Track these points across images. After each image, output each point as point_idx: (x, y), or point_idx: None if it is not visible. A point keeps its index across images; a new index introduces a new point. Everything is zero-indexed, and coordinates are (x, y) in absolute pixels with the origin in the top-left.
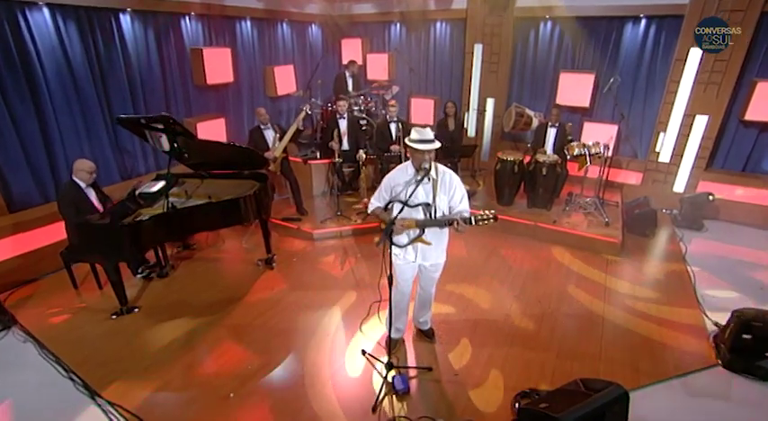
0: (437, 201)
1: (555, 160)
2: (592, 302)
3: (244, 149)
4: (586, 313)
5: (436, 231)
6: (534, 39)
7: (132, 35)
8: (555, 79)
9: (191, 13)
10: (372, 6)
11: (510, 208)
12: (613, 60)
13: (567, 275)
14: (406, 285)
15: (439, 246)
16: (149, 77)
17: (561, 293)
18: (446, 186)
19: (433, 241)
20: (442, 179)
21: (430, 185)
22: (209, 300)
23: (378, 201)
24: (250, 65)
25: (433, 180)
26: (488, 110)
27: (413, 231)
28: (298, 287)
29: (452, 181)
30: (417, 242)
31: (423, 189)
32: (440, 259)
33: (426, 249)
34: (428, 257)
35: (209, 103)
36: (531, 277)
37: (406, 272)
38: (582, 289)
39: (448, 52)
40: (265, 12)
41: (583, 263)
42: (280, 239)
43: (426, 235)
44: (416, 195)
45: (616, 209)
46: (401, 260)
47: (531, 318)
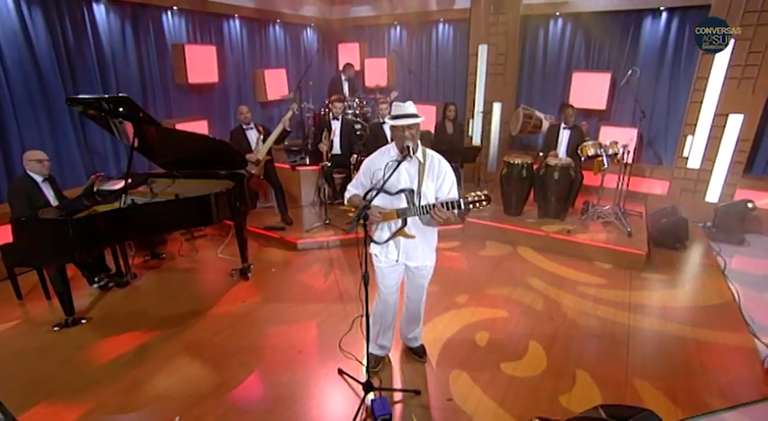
0: (423, 189)
1: (568, 163)
2: (614, 321)
3: (218, 143)
4: (608, 333)
5: (420, 225)
6: (544, 37)
7: (107, 26)
8: (567, 80)
9: (173, 8)
10: (371, 9)
11: (518, 218)
12: (631, 58)
13: (584, 290)
14: (390, 293)
15: (426, 244)
16: (125, 73)
17: (578, 310)
18: (434, 172)
19: (417, 235)
20: (431, 164)
21: (415, 169)
22: (169, 312)
23: (356, 188)
24: (238, 66)
25: (419, 163)
26: (495, 115)
27: (394, 223)
28: (272, 299)
29: (442, 167)
30: (399, 236)
31: (406, 172)
32: (427, 260)
33: (411, 247)
34: (413, 257)
35: (192, 104)
36: (541, 292)
37: (390, 276)
38: (602, 305)
39: (451, 55)
40: (256, 11)
41: (602, 277)
42: (259, 249)
43: (410, 228)
44: (398, 179)
45: (640, 219)
46: (382, 261)
47: (541, 337)
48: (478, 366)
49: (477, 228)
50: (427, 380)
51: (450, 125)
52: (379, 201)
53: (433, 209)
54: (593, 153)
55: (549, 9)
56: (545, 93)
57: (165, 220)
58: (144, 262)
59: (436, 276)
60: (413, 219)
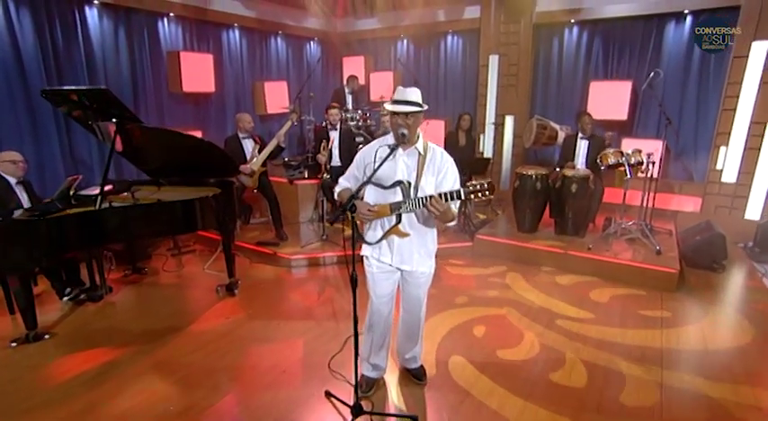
0: (421, 183)
1: (586, 174)
2: (643, 349)
3: (207, 145)
4: (635, 360)
5: (416, 223)
6: (558, 46)
7: (99, 31)
8: (585, 90)
9: (169, 14)
10: (377, 22)
11: (533, 236)
12: (654, 65)
13: (607, 313)
14: (383, 302)
15: (423, 247)
16: (116, 79)
17: (600, 335)
18: (435, 165)
19: (413, 236)
20: (432, 157)
21: (414, 161)
22: (144, 328)
23: (347, 181)
24: (237, 77)
25: (419, 155)
26: (507, 129)
27: (387, 221)
28: (259, 317)
29: (444, 160)
30: (393, 234)
31: (404, 164)
32: (424, 266)
33: (406, 249)
34: (408, 260)
35: (186, 113)
36: (558, 313)
37: (384, 283)
38: (629, 329)
39: (460, 67)
40: (257, 22)
41: (627, 299)
42: (250, 266)
43: (404, 225)
44: (394, 171)
45: (669, 237)
46: (374, 265)
47: (556, 364)
48: (485, 391)
49: (488, 246)
50: (426, 406)
51: (463, 136)
52: (371, 196)
53: (430, 200)
54: (614, 162)
55: (564, 17)
56: (561, 104)
57: (144, 226)
58: (124, 276)
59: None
60: (408, 217)
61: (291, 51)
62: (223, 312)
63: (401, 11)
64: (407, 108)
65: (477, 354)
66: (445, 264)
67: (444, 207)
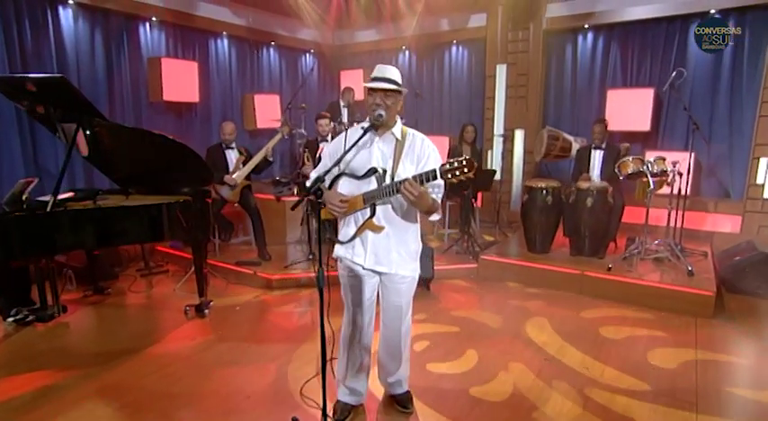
0: (399, 171)
1: (603, 186)
2: (673, 379)
3: (180, 147)
4: (664, 391)
5: (393, 216)
6: (572, 54)
7: (73, 33)
8: (601, 100)
9: (151, 18)
10: (376, 33)
11: (545, 256)
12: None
13: (629, 340)
14: (359, 313)
15: (402, 246)
16: (91, 84)
17: (622, 363)
18: (415, 152)
19: (391, 233)
20: (411, 143)
21: (390, 148)
22: (96, 350)
23: (318, 174)
24: (225, 88)
25: (396, 141)
26: (517, 144)
27: (361, 215)
28: (228, 339)
29: (425, 147)
30: (366, 229)
31: (379, 151)
32: (405, 268)
33: (382, 247)
34: (385, 261)
35: (167, 124)
36: (572, 339)
37: (359, 290)
38: (655, 358)
39: (465, 79)
40: (247, 30)
41: (654, 326)
42: (227, 287)
43: (379, 219)
44: (368, 159)
45: (704, 259)
46: (348, 268)
47: (568, 394)
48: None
49: (494, 267)
50: None
51: (467, 149)
52: (345, 188)
53: (404, 184)
54: (634, 170)
55: (576, 22)
56: (576, 115)
57: (104, 233)
58: (83, 297)
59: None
60: (384, 210)
61: (285, 63)
62: (189, 334)
63: (402, 21)
64: (387, 85)
65: (471, 382)
66: (444, 287)
67: (420, 190)
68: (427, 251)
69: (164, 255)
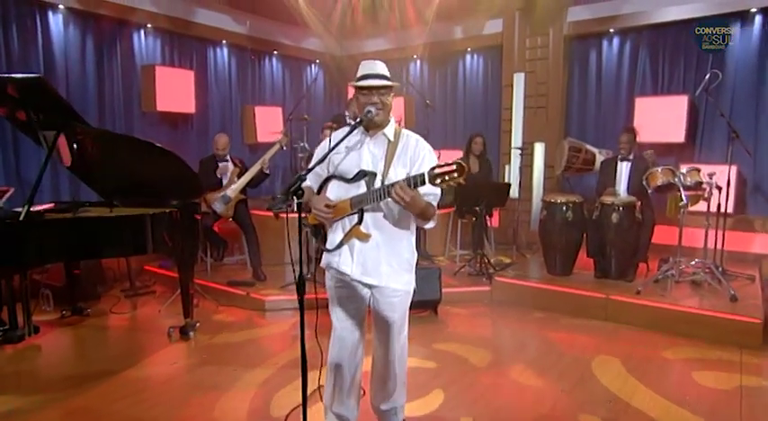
0: (390, 174)
1: (630, 201)
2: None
3: (167, 155)
4: None
5: (384, 224)
6: (596, 60)
7: (62, 38)
8: (630, 109)
9: (146, 25)
10: (386, 42)
11: (567, 279)
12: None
13: (662, 370)
14: (347, 329)
15: (394, 257)
16: (80, 93)
17: (650, 398)
18: (408, 155)
19: (381, 242)
20: (405, 145)
21: (382, 149)
22: (67, 373)
23: (308, 181)
24: (224, 99)
25: (388, 142)
26: (537, 159)
27: (348, 220)
28: (212, 362)
29: (419, 149)
30: (353, 236)
31: (369, 153)
32: (397, 281)
33: (370, 256)
34: (373, 272)
35: (161, 136)
36: (596, 368)
37: (347, 303)
38: (692, 391)
39: (481, 89)
40: (248, 39)
41: (691, 356)
42: (217, 309)
43: (368, 226)
44: (357, 162)
45: (751, 284)
46: (334, 279)
47: None
48: None
49: (510, 290)
50: None
51: (475, 162)
52: (333, 193)
53: (393, 187)
54: (665, 182)
55: (600, 26)
56: (601, 127)
57: (81, 245)
58: (60, 317)
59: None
60: (373, 216)
61: (289, 74)
62: (170, 357)
63: (413, 29)
64: (381, 81)
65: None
66: (454, 311)
67: (411, 194)
68: (435, 272)
69: (152, 275)
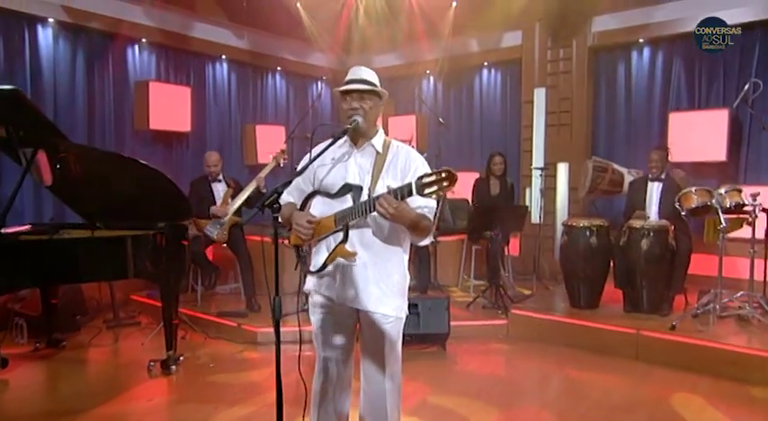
0: (377, 188)
1: (663, 225)
2: None
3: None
4: None
5: (372, 242)
6: (624, 73)
7: (51, 52)
8: (663, 125)
9: (140, 40)
10: (397, 57)
11: (592, 313)
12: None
13: (700, 418)
14: (332, 360)
15: (383, 278)
16: (68, 110)
17: None
18: (398, 167)
19: (366, 257)
20: (395, 157)
21: (370, 161)
22: (34, 410)
23: (290, 195)
24: (222, 117)
25: (376, 154)
26: (560, 181)
27: (333, 239)
28: (192, 399)
29: (410, 161)
30: (338, 255)
31: (356, 166)
32: (387, 306)
33: (357, 277)
34: (361, 295)
35: (154, 155)
36: (621, 410)
37: (331, 331)
38: None
39: (499, 106)
40: (250, 54)
41: (737, 401)
42: (205, 342)
43: (353, 244)
44: (343, 175)
45: None
46: (318, 304)
47: None
48: None
49: (528, 325)
50: None
51: (495, 183)
52: (317, 209)
53: (378, 199)
54: (700, 204)
55: (628, 36)
56: (632, 145)
57: (55, 268)
58: (33, 350)
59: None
60: (360, 233)
61: (293, 91)
62: (147, 393)
63: (425, 43)
64: (362, 86)
65: None
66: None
67: (397, 207)
68: (442, 302)
69: (138, 305)
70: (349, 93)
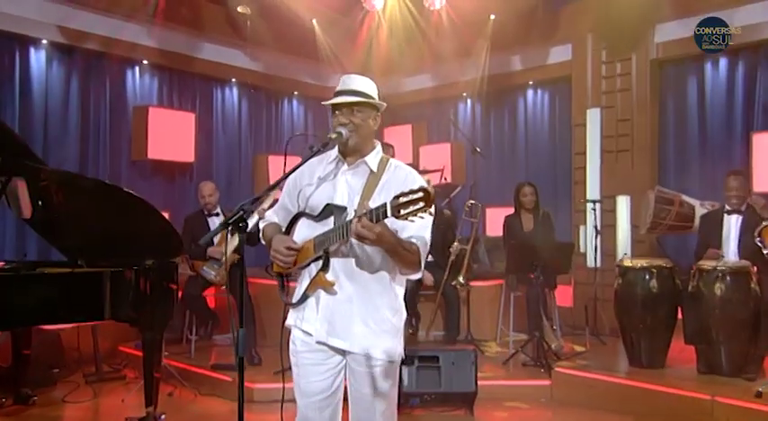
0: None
1: (743, 267)
2: None
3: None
4: None
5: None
6: (696, 88)
7: (43, 75)
8: (746, 149)
9: (141, 61)
10: (430, 78)
11: (657, 374)
12: None
13: None
14: (312, 407)
15: (371, 314)
16: (60, 137)
17: None
18: (392, 189)
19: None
20: (392, 177)
21: (362, 180)
22: None
23: (275, 214)
24: (231, 146)
25: (369, 173)
26: (621, 218)
27: (315, 266)
28: None
29: (409, 182)
30: (317, 285)
31: (346, 185)
32: (376, 347)
33: (339, 312)
34: (343, 332)
35: (152, 189)
36: None
37: (312, 372)
38: None
39: (546, 131)
40: (263, 78)
41: None
42: (195, 399)
43: (336, 272)
44: (330, 194)
45: None
46: (298, 341)
47: None
48: None
49: (576, 386)
50: None
51: (528, 217)
52: (301, 233)
53: (353, 222)
54: None
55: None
56: (708, 173)
57: (17, 309)
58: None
59: None
60: (345, 264)
61: (311, 118)
62: None
63: (460, 61)
64: (352, 97)
65: None
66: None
67: (377, 231)
68: (468, 355)
69: (125, 357)
70: (338, 106)
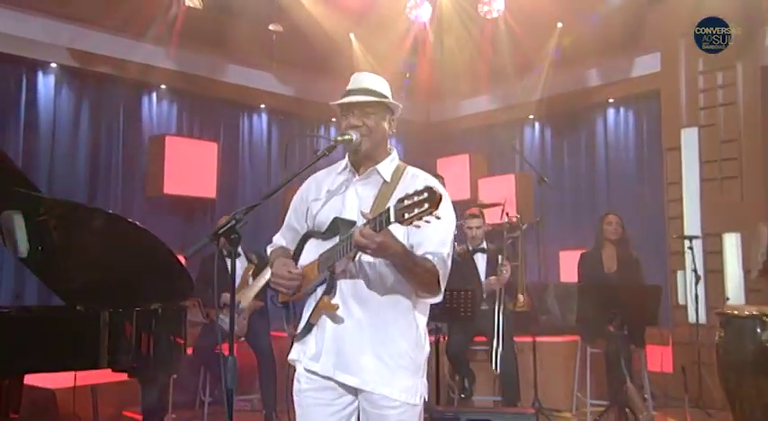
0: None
1: None
2: None
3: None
4: None
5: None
6: None
7: (51, 102)
8: None
9: (159, 86)
10: (491, 100)
11: None
12: None
13: None
14: None
15: (383, 344)
16: (67, 170)
17: None
18: None
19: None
20: (410, 185)
21: (373, 191)
22: None
23: (282, 236)
24: (259, 180)
25: (383, 183)
26: (729, 260)
27: (320, 289)
28: None
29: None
30: (322, 309)
31: (356, 197)
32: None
33: (346, 341)
34: (351, 367)
35: (168, 228)
36: None
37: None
38: None
39: (631, 156)
40: (297, 103)
41: None
42: None
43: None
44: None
45: None
46: (303, 378)
47: None
48: None
49: None
50: None
51: (611, 253)
52: (310, 253)
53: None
54: None
55: None
56: None
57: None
58: None
59: None
60: (354, 286)
61: None
62: None
63: (525, 79)
64: (363, 97)
65: None
66: None
67: (377, 239)
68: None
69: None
70: (349, 107)
